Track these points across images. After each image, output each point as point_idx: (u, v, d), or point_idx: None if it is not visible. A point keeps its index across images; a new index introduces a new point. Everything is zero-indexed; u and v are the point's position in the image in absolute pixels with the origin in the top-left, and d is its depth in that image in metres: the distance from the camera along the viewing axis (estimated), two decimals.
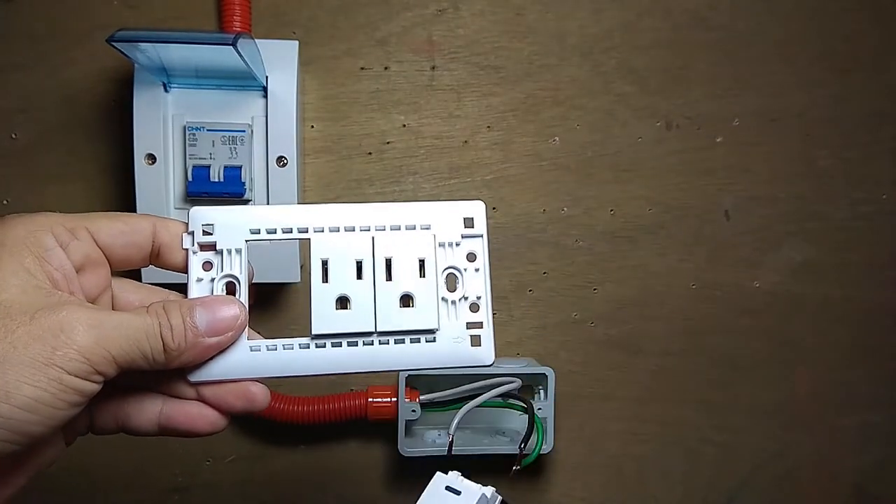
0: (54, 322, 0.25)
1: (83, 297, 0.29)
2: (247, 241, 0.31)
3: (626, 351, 0.59)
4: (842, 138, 0.59)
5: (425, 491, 0.36)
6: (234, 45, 0.42)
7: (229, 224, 0.31)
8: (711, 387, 0.60)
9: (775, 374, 0.60)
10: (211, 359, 0.30)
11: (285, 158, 0.50)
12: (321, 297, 0.31)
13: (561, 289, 0.58)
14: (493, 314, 0.34)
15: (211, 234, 0.31)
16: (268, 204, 0.51)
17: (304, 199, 0.55)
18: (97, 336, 0.26)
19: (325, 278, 0.31)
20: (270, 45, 0.50)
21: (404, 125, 0.56)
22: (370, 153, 0.56)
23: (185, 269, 0.31)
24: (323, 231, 0.32)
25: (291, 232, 0.31)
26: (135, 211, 0.50)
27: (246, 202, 0.51)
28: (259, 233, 0.31)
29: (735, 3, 0.57)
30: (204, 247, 0.31)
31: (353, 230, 0.32)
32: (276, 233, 0.31)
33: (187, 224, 0.31)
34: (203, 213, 0.31)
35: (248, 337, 0.30)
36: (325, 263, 0.31)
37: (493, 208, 0.57)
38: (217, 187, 0.49)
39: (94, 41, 0.52)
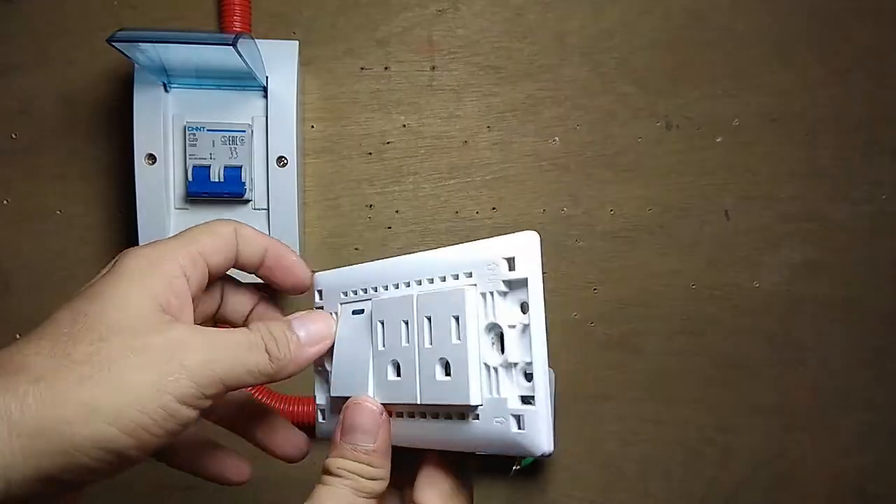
0: (165, 345, 0.26)
1: (192, 320, 0.30)
2: (341, 303, 0.33)
3: (625, 351, 0.59)
4: (842, 138, 0.59)
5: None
6: (234, 45, 0.42)
7: (330, 287, 0.34)
8: (711, 387, 0.60)
9: (775, 374, 0.60)
10: None
11: (285, 158, 0.51)
12: (378, 364, 0.30)
13: (561, 289, 0.58)
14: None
15: (321, 299, 0.34)
16: (267, 206, 0.51)
17: (304, 200, 0.55)
18: (205, 357, 0.27)
19: (382, 342, 0.30)
20: (270, 45, 0.50)
21: (404, 125, 0.56)
22: (370, 153, 0.56)
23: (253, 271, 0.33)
24: (381, 290, 0.31)
25: (365, 292, 0.32)
26: (135, 210, 0.50)
27: (246, 202, 0.51)
28: (347, 294, 0.33)
29: (735, 4, 0.57)
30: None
31: (408, 285, 0.30)
32: (357, 294, 0.33)
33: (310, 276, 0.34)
34: (319, 279, 0.34)
35: None
36: (382, 324, 0.30)
37: (493, 208, 0.57)
38: (217, 187, 0.49)
39: (95, 41, 0.53)
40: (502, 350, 0.26)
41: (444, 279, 0.28)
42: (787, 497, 0.62)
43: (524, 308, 0.26)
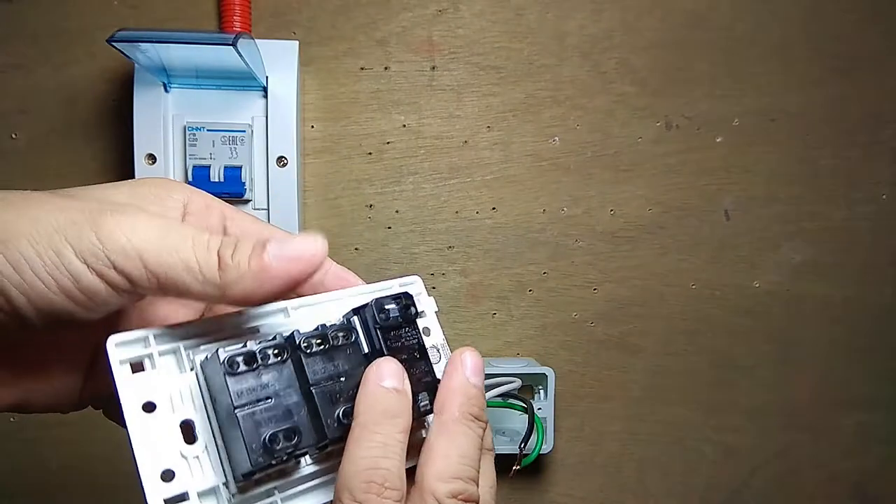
0: (100, 200, 0.23)
1: None
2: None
3: (625, 351, 0.59)
4: (841, 138, 0.59)
5: None
6: (234, 45, 0.42)
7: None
8: (711, 387, 0.60)
9: (775, 374, 0.60)
10: None
11: (285, 158, 0.51)
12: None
13: (561, 289, 0.58)
14: (493, 314, 0.34)
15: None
16: (267, 206, 0.51)
17: (304, 200, 0.55)
18: (130, 227, 0.22)
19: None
20: (271, 45, 0.50)
21: (404, 125, 0.56)
22: (370, 153, 0.56)
23: (307, 290, 0.30)
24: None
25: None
26: None
27: (246, 202, 0.51)
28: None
29: (735, 4, 0.57)
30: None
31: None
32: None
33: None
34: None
35: None
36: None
37: (493, 208, 0.57)
38: (217, 187, 0.49)
39: (95, 41, 0.53)
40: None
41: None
42: (786, 497, 0.62)
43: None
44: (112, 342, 0.24)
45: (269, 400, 0.25)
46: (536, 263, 0.58)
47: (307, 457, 0.27)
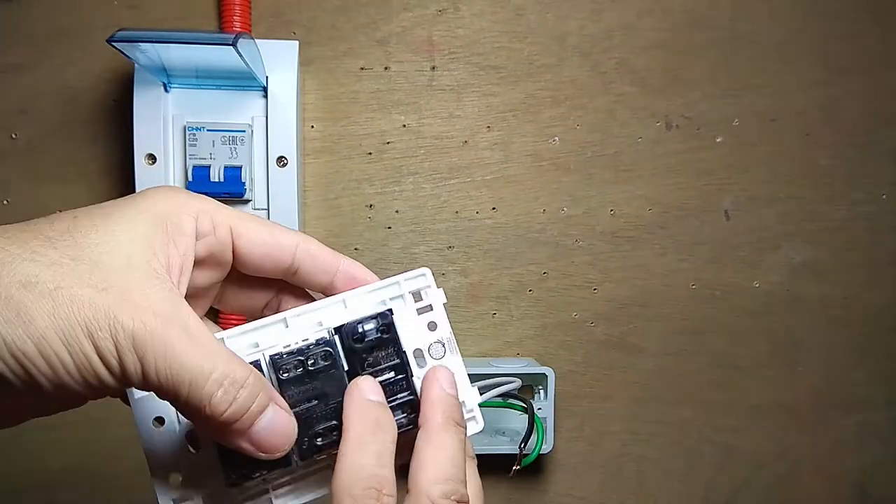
0: (115, 304, 0.23)
1: (185, 288, 0.27)
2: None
3: (625, 351, 0.59)
4: (841, 138, 0.59)
5: None
6: (234, 45, 0.42)
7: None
8: (711, 387, 0.60)
9: (775, 374, 0.60)
10: None
11: (285, 158, 0.51)
12: None
13: (561, 289, 0.58)
14: (493, 314, 0.34)
15: None
16: (267, 206, 0.51)
17: (304, 200, 0.55)
18: (143, 343, 0.23)
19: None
20: (271, 45, 0.50)
21: (404, 125, 0.56)
22: (370, 153, 0.56)
23: (322, 291, 0.31)
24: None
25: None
26: None
27: (246, 202, 0.51)
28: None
29: (735, 4, 0.57)
30: None
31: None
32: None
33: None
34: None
35: None
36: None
37: (493, 208, 0.57)
38: (217, 187, 0.49)
39: (95, 41, 0.53)
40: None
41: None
42: (786, 497, 0.62)
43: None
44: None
45: None
46: (536, 263, 0.58)
47: (296, 463, 0.28)
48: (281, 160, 0.51)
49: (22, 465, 0.55)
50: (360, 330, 0.28)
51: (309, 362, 0.28)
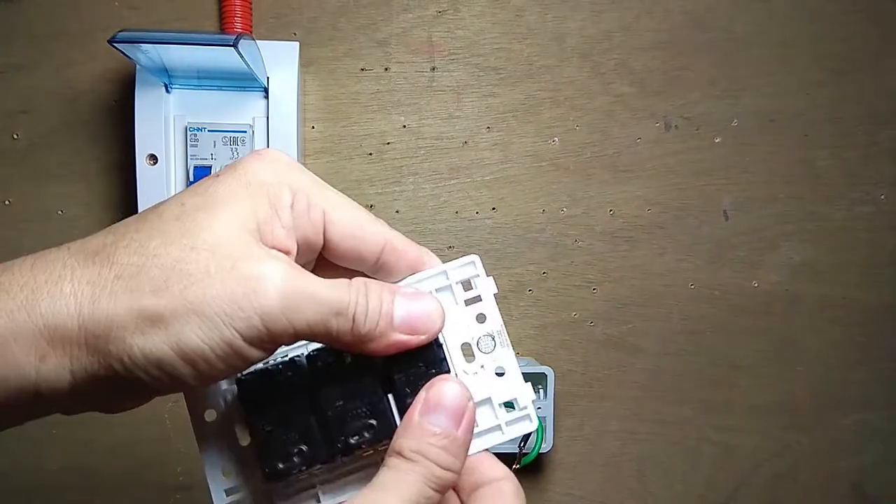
0: (251, 278, 0.24)
1: (293, 255, 0.27)
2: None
3: (625, 350, 0.59)
4: (840, 139, 0.59)
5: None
6: (235, 46, 0.43)
7: None
8: (711, 387, 0.60)
9: (774, 374, 0.61)
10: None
11: None
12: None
13: (560, 289, 0.58)
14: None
15: None
16: None
17: None
18: (286, 305, 0.24)
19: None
20: (271, 46, 0.50)
21: (404, 126, 0.56)
22: (370, 154, 0.56)
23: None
24: None
25: None
26: (137, 211, 0.50)
27: None
28: None
29: (734, 5, 0.58)
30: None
31: None
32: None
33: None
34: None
35: None
36: None
37: (493, 208, 0.57)
38: None
39: (96, 42, 0.53)
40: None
41: None
42: (786, 496, 0.62)
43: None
44: None
45: (283, 422, 0.27)
46: (536, 263, 0.58)
47: (338, 459, 0.28)
48: None
49: (22, 464, 0.55)
50: None
51: (347, 358, 0.27)
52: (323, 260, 0.29)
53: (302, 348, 0.28)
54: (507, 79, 0.56)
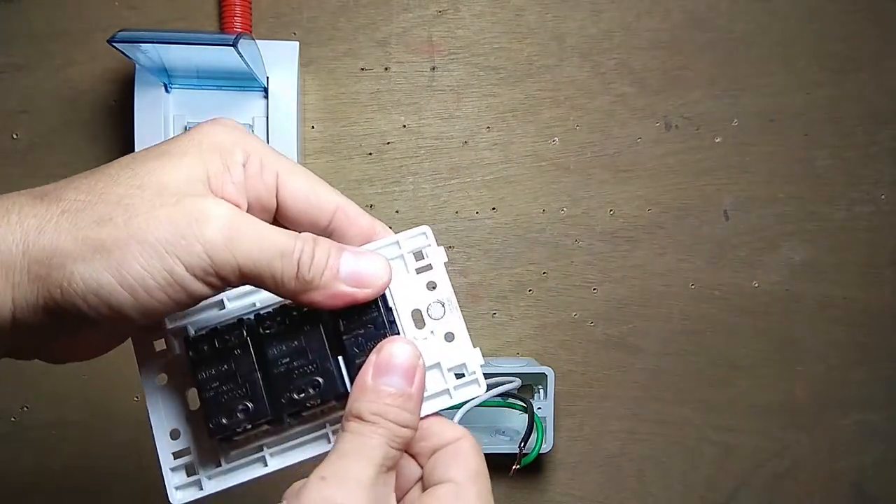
0: (195, 211, 0.24)
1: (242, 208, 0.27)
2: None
3: (625, 350, 0.59)
4: (840, 139, 0.59)
5: None
6: (234, 45, 0.43)
7: None
8: (711, 387, 0.60)
9: (775, 374, 0.60)
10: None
11: None
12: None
13: (560, 289, 0.58)
14: (493, 314, 0.33)
15: None
16: None
17: None
18: (230, 237, 0.24)
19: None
20: (271, 45, 0.50)
21: (404, 125, 0.56)
22: (370, 153, 0.56)
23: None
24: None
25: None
26: None
27: None
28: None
29: (734, 5, 0.57)
30: None
31: None
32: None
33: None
34: None
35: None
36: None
37: (493, 208, 0.57)
38: None
39: (96, 42, 0.53)
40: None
41: None
42: (786, 496, 0.62)
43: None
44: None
45: (230, 382, 0.27)
46: (536, 263, 0.58)
47: (284, 420, 0.28)
48: None
49: (22, 464, 0.55)
50: None
51: (296, 318, 0.28)
52: (278, 224, 0.29)
53: (251, 309, 0.29)
54: (507, 78, 0.56)
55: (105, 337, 0.29)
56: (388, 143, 0.56)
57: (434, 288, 0.30)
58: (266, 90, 0.50)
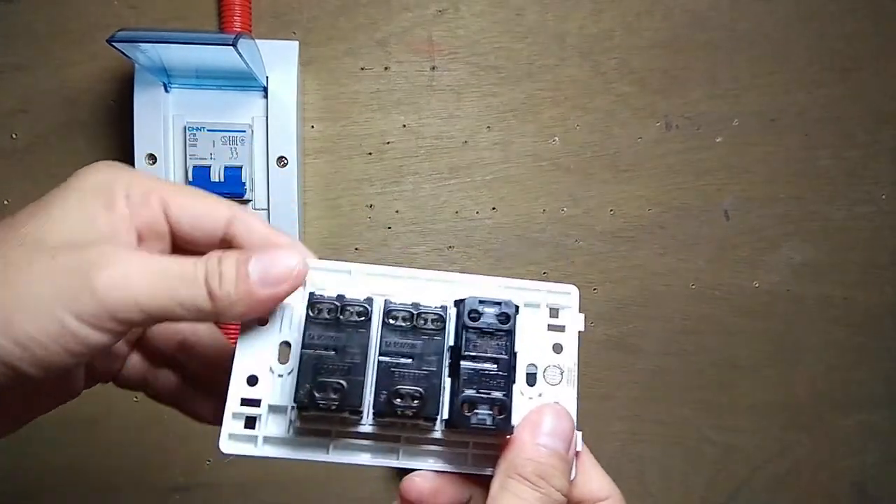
0: (81, 259, 0.24)
1: (133, 244, 0.27)
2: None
3: (625, 351, 0.59)
4: (841, 138, 0.59)
5: None
6: (234, 45, 0.42)
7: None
8: (711, 387, 0.60)
9: (775, 374, 0.60)
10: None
11: (285, 158, 0.51)
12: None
13: None
14: None
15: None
16: (267, 206, 0.51)
17: (304, 200, 0.55)
18: (121, 279, 0.24)
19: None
20: (271, 45, 0.50)
21: (404, 125, 0.56)
22: (370, 153, 0.56)
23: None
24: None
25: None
26: None
27: (246, 202, 0.51)
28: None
29: (735, 4, 0.57)
30: None
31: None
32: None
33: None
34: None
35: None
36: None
37: (493, 208, 0.57)
38: (217, 187, 0.49)
39: (95, 41, 0.53)
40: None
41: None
42: (786, 497, 0.62)
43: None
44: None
45: (334, 353, 0.27)
46: (536, 263, 0.58)
47: (367, 416, 0.27)
48: (281, 160, 0.51)
49: (23, 465, 0.55)
50: (479, 309, 0.28)
51: (419, 321, 0.27)
52: (179, 249, 0.29)
53: (381, 299, 0.28)
54: (507, 78, 0.56)
55: (42, 397, 0.29)
56: (388, 143, 0.56)
57: (559, 352, 0.29)
58: (266, 90, 0.50)
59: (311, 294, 0.27)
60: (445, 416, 0.27)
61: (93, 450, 0.56)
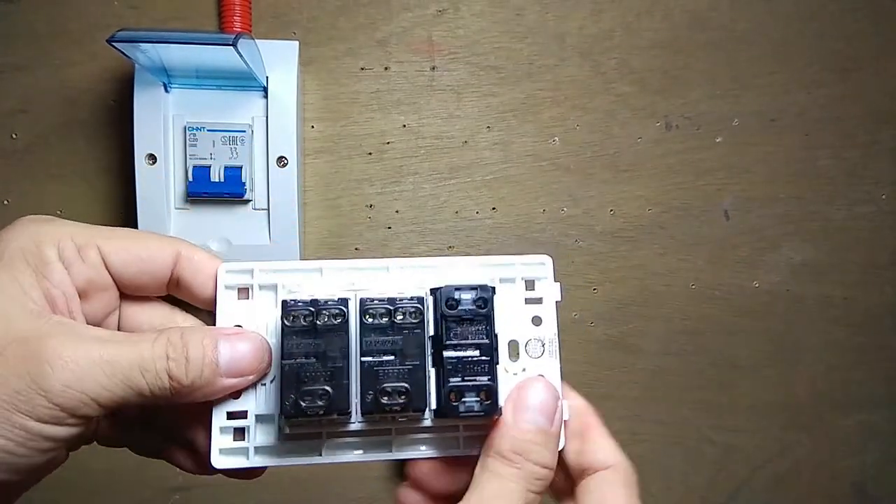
0: (27, 359, 0.23)
1: (83, 318, 0.26)
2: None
3: (625, 351, 0.59)
4: (841, 138, 0.59)
5: None
6: (234, 45, 0.42)
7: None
8: (711, 387, 0.60)
9: (775, 374, 0.60)
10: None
11: (285, 158, 0.51)
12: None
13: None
14: None
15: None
16: (267, 206, 0.51)
17: (304, 200, 0.55)
18: (71, 376, 0.23)
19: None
20: (271, 45, 0.50)
21: (404, 125, 0.56)
22: (370, 153, 0.56)
23: (209, 305, 0.28)
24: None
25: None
26: (136, 210, 0.50)
27: (246, 202, 0.51)
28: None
29: (735, 4, 0.57)
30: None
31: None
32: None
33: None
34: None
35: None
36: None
37: (493, 208, 0.57)
38: (217, 187, 0.49)
39: (95, 41, 0.53)
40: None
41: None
42: (786, 497, 0.62)
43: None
44: (222, 269, 0.28)
45: (315, 359, 0.26)
46: None
47: (356, 415, 0.27)
48: (281, 160, 0.51)
49: None
50: (456, 297, 0.27)
51: (397, 316, 0.27)
52: (127, 297, 0.28)
53: (352, 294, 0.28)
54: (507, 78, 0.56)
55: (29, 481, 0.28)
56: (388, 143, 0.56)
57: (539, 324, 0.29)
58: (266, 90, 0.50)
59: (284, 302, 0.26)
60: (434, 406, 0.27)
61: (93, 450, 0.55)
